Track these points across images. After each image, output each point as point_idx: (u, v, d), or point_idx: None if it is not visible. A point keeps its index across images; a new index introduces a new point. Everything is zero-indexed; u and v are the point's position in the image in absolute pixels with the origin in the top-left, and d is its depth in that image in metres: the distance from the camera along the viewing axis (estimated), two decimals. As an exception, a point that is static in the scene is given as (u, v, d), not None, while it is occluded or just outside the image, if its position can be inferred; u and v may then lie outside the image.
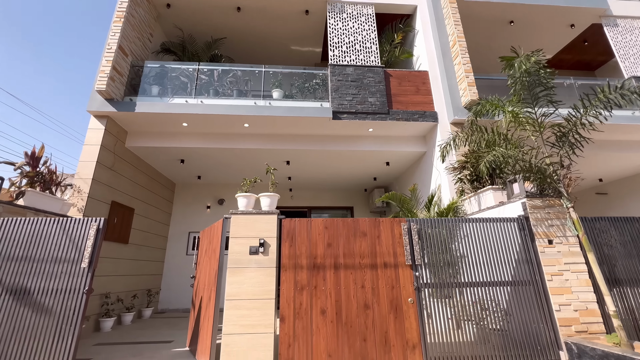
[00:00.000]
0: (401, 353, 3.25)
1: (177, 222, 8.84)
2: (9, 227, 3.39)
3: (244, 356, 3.12)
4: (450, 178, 5.79)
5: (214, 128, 6.47)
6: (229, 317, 3.22)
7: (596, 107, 3.51)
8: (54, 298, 3.21)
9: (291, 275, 3.45)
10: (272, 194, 3.77)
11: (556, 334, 3.43)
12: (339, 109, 6.21)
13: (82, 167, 5.47)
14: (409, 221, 3.72)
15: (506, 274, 3.68)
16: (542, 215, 3.82)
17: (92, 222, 3.48)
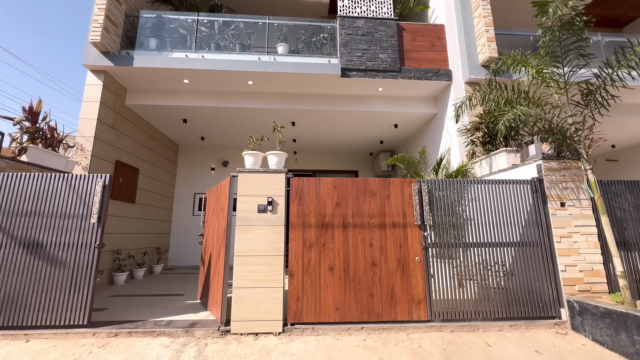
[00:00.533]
0: (406, 308, 3.35)
1: (182, 184, 8.86)
2: (16, 182, 3.36)
3: (255, 308, 3.22)
4: (462, 140, 5.61)
5: (216, 86, 6.18)
6: (238, 272, 3.29)
7: (630, 60, 3.24)
8: (67, 252, 3.26)
9: (300, 233, 3.46)
10: (280, 152, 3.66)
11: (559, 293, 3.50)
12: (348, 65, 5.86)
13: (83, 124, 5.33)
14: (419, 182, 3.64)
15: (514, 235, 3.67)
16: (556, 177, 3.71)
17: (98, 179, 3.43)
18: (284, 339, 3.12)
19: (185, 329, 3.19)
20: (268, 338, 3.13)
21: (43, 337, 3.05)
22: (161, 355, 2.81)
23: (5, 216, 3.27)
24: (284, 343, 3.04)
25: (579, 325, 3.26)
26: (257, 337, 3.14)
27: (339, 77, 5.83)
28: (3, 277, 3.14)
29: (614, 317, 2.88)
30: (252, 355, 2.83)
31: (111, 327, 3.20)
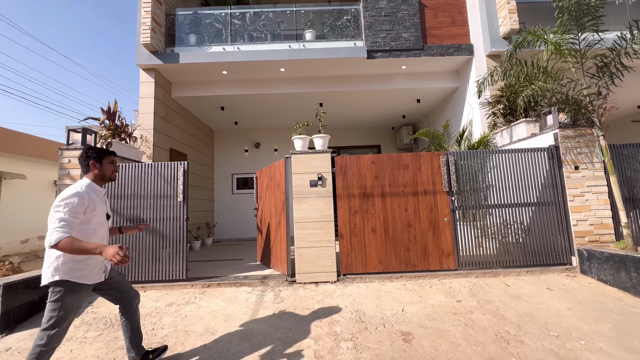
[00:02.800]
0: (437, 259, 4.05)
1: (220, 165, 9.71)
2: (119, 171, 4.19)
3: (313, 263, 4.02)
4: (484, 112, 5.99)
5: (251, 74, 6.74)
6: (298, 235, 4.05)
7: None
8: (163, 224, 4.12)
9: (345, 202, 4.15)
10: (324, 134, 4.28)
11: (571, 244, 4.07)
12: (373, 47, 6.24)
13: (142, 118, 6.10)
14: (446, 154, 4.20)
15: (531, 196, 4.20)
16: (572, 144, 4.16)
17: (179, 165, 4.21)
18: (339, 285, 3.92)
19: (260, 280, 4.05)
20: (326, 285, 3.94)
21: (155, 289, 3.99)
22: (249, 297, 3.68)
23: (115, 198, 4.13)
24: (340, 288, 3.84)
25: (587, 269, 3.86)
26: (317, 285, 3.96)
27: (365, 60, 6.23)
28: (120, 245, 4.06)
29: (616, 259, 3.46)
30: (318, 296, 3.64)
31: (203, 281, 4.10)
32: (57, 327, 1.97)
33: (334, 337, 2.79)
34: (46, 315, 1.97)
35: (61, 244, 1.83)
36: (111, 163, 2.29)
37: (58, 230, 1.85)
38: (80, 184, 2.13)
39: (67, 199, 1.96)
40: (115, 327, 3.09)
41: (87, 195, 2.06)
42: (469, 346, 2.57)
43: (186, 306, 3.51)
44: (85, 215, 2.03)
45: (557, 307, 3.16)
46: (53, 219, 1.90)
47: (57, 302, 1.97)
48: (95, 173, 2.22)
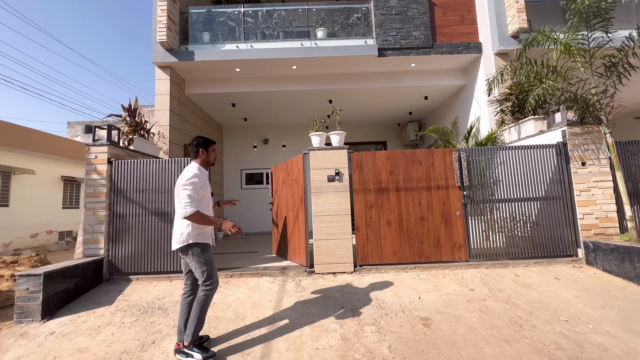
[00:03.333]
0: (450, 251, 4.24)
1: (229, 161, 9.88)
2: (141, 167, 4.36)
3: (331, 254, 4.20)
4: (491, 110, 6.15)
5: (263, 72, 6.88)
6: (317, 228, 4.24)
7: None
8: (187, 217, 4.29)
9: (362, 196, 4.33)
10: (341, 132, 4.44)
11: (577, 237, 4.26)
12: (384, 45, 6.37)
13: (159, 115, 6.25)
14: (459, 150, 4.36)
15: (539, 191, 4.37)
16: (579, 141, 4.32)
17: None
18: (356, 275, 4.12)
19: (280, 271, 4.24)
20: (344, 275, 4.14)
21: (181, 279, 4.17)
22: (271, 287, 3.87)
23: (140, 193, 4.30)
24: (357, 278, 4.03)
25: (592, 260, 4.05)
26: (335, 275, 4.15)
27: (375, 57, 6.37)
28: (145, 237, 4.24)
29: (621, 250, 3.64)
30: (337, 285, 3.83)
31: (225, 271, 4.28)
32: (212, 276, 2.51)
33: (358, 321, 2.98)
34: (198, 271, 2.47)
35: (192, 216, 2.31)
36: (214, 151, 2.72)
37: (188, 204, 2.32)
38: (193, 167, 2.55)
39: (190, 179, 2.40)
40: (149, 314, 3.28)
41: (201, 176, 2.50)
42: (485, 330, 2.77)
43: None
44: (202, 191, 2.48)
45: (566, 295, 3.35)
46: (183, 195, 2.35)
47: (201, 259, 2.47)
48: (202, 158, 2.65)
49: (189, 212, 2.31)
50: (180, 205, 2.35)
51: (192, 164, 2.61)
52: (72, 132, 15.32)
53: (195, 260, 2.47)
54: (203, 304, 2.47)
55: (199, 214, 2.35)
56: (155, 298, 3.64)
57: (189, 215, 2.32)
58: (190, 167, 2.56)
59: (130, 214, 4.29)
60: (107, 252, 4.21)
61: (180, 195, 2.38)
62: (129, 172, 4.34)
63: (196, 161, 2.64)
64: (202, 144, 2.65)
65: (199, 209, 2.38)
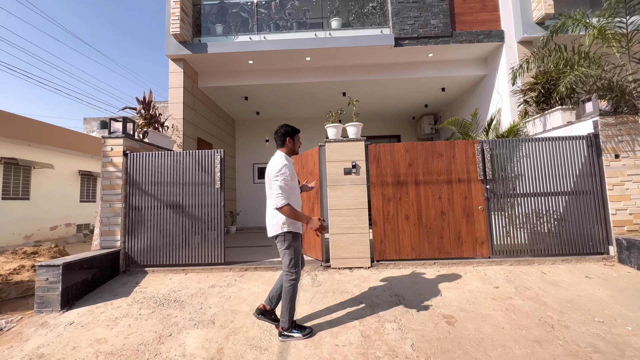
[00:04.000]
0: (471, 247, 4.08)
1: (241, 155, 9.86)
2: (157, 160, 4.34)
3: (348, 249, 4.10)
4: (514, 101, 5.88)
5: (277, 64, 6.77)
6: (333, 222, 4.14)
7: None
8: (201, 210, 4.27)
9: (379, 190, 4.19)
10: (357, 123, 4.30)
11: (608, 233, 4.02)
12: (401, 34, 6.16)
13: (172, 108, 6.24)
14: (481, 142, 4.17)
15: (566, 185, 4.14)
16: (612, 132, 4.06)
17: (216, 153, 4.32)
18: (374, 271, 4.01)
19: (295, 265, 4.16)
20: (360, 271, 4.03)
21: (196, 271, 4.16)
22: (286, 281, 3.80)
23: (155, 185, 4.29)
24: (375, 273, 3.92)
25: (625, 259, 3.82)
26: (351, 270, 4.05)
27: (392, 47, 6.17)
28: (160, 230, 4.24)
29: (659, 248, 3.41)
30: (354, 281, 3.74)
31: (240, 265, 4.24)
32: (298, 265, 2.59)
33: (377, 318, 2.88)
34: (286, 259, 2.56)
35: (283, 209, 2.37)
36: (298, 139, 2.76)
37: (280, 196, 2.37)
38: (281, 156, 2.57)
39: (280, 170, 2.44)
40: (165, 306, 3.26)
41: (290, 166, 2.54)
42: (514, 329, 2.62)
43: (228, 288, 3.66)
44: (292, 182, 2.52)
45: (598, 294, 3.16)
46: (275, 186, 2.40)
47: (290, 248, 2.55)
48: (288, 147, 2.68)
49: (280, 204, 2.36)
50: (272, 197, 2.41)
51: (279, 154, 2.63)
52: (88, 128, 15.64)
53: (285, 247, 2.55)
54: (291, 294, 2.56)
55: (289, 207, 2.39)
56: (171, 290, 3.62)
57: (279, 207, 2.37)
58: (278, 157, 2.58)
59: (145, 207, 4.29)
60: (123, 244, 4.22)
61: (272, 186, 2.43)
62: (144, 164, 4.33)
63: (282, 150, 2.67)
64: (289, 132, 2.68)
65: (289, 201, 2.43)
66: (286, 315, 2.57)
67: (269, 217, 2.61)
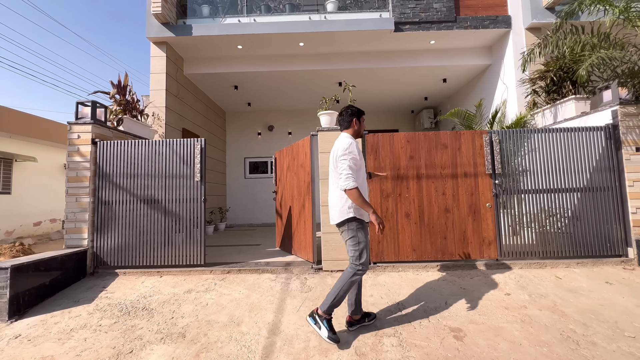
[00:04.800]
0: (477, 248, 3.70)
1: (232, 149, 9.39)
2: (130, 149, 3.88)
3: (341, 250, 3.70)
4: (521, 91, 5.50)
5: (268, 49, 6.31)
6: (325, 219, 3.72)
7: None
8: (180, 206, 3.83)
9: (377, 184, 3.79)
10: (354, 110, 3.88)
11: (627, 233, 3.67)
12: (401, 18, 5.73)
13: (154, 95, 5.76)
14: (490, 133, 3.78)
15: (582, 181, 3.77)
16: (634, 122, 3.69)
17: (196, 142, 3.88)
18: (370, 274, 3.61)
19: (284, 267, 3.76)
20: (355, 274, 3.63)
21: (172, 274, 3.73)
22: (273, 285, 3.39)
23: (127, 178, 3.84)
24: (372, 277, 3.53)
25: (647, 262, 3.46)
26: (345, 273, 3.65)
27: (392, 32, 5.74)
28: (133, 227, 3.80)
29: (688, 251, 3.05)
30: (348, 285, 3.34)
31: (222, 266, 3.83)
32: (364, 255, 2.32)
33: (375, 331, 2.48)
34: (350, 250, 2.34)
35: (352, 191, 2.20)
36: (364, 122, 2.57)
37: (350, 176, 2.21)
38: (346, 137, 2.41)
39: (348, 148, 2.28)
40: (131, 315, 2.84)
41: (356, 145, 2.37)
42: (533, 346, 2.24)
43: (206, 293, 3.24)
44: (359, 161, 2.34)
45: (624, 303, 2.79)
46: (343, 166, 2.25)
47: (355, 237, 2.32)
48: (354, 129, 2.50)
49: (351, 186, 2.19)
50: (342, 178, 2.23)
51: (344, 135, 2.46)
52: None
53: (351, 236, 2.34)
54: (348, 282, 2.30)
55: (358, 191, 2.21)
56: (141, 296, 3.20)
57: (349, 189, 2.20)
58: (344, 137, 2.42)
59: (117, 201, 3.84)
60: (91, 242, 3.78)
61: (339, 166, 2.27)
62: (116, 154, 3.88)
63: (347, 131, 2.50)
64: (355, 113, 2.51)
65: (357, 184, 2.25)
66: (330, 300, 2.32)
67: (332, 203, 2.42)
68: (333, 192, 2.43)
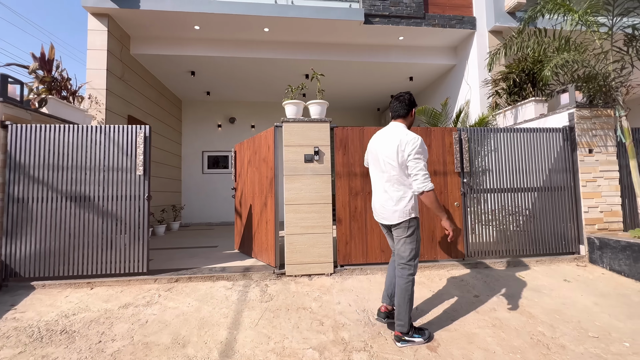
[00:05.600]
0: (445, 248, 3.62)
1: (189, 141, 8.63)
2: (54, 135, 3.21)
3: (306, 252, 3.40)
4: (484, 93, 5.61)
5: (229, 33, 5.77)
6: (289, 219, 3.40)
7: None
8: (118, 204, 3.26)
9: (345, 182, 3.54)
10: (322, 101, 3.59)
11: (580, 232, 3.83)
12: (371, 11, 5.54)
13: (92, 75, 4.97)
14: (459, 130, 3.71)
15: (541, 180, 3.88)
16: (587, 125, 3.85)
17: (139, 130, 3.32)
18: (337, 278, 3.36)
19: (242, 273, 3.37)
20: (321, 278, 3.36)
21: (106, 285, 3.16)
22: (228, 295, 2.99)
23: (53, 170, 3.17)
24: (338, 282, 3.28)
25: (597, 259, 3.63)
26: (310, 278, 3.37)
27: (361, 24, 5.53)
28: (58, 229, 3.15)
29: (635, 248, 3.22)
30: (314, 292, 3.05)
31: (169, 274, 3.33)
32: (417, 256, 2.25)
33: (343, 346, 2.22)
34: (407, 249, 2.20)
35: (430, 194, 2.06)
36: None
37: (428, 178, 2.07)
38: (405, 129, 2.22)
39: (420, 147, 2.09)
40: (44, 341, 2.27)
41: None
42: (506, 354, 2.13)
43: (147, 308, 2.75)
44: None
45: (583, 301, 2.84)
46: (420, 166, 2.07)
47: (413, 235, 2.21)
48: (410, 120, 2.32)
49: (429, 188, 2.06)
50: (418, 179, 2.07)
51: (401, 126, 2.25)
52: None
53: (409, 235, 2.21)
54: (410, 292, 2.20)
55: (434, 194, 2.09)
56: (61, 315, 2.62)
57: (427, 191, 2.06)
58: (403, 129, 2.22)
59: (36, 199, 3.16)
60: (-1, 249, 3.06)
61: (412, 165, 2.09)
62: (35, 141, 3.19)
63: (402, 121, 2.28)
64: (414, 102, 2.31)
65: None
66: (405, 317, 2.19)
67: (391, 202, 2.21)
68: (389, 192, 2.22)
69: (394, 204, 2.20)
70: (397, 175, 2.17)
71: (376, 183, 2.35)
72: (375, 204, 2.38)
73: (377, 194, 2.35)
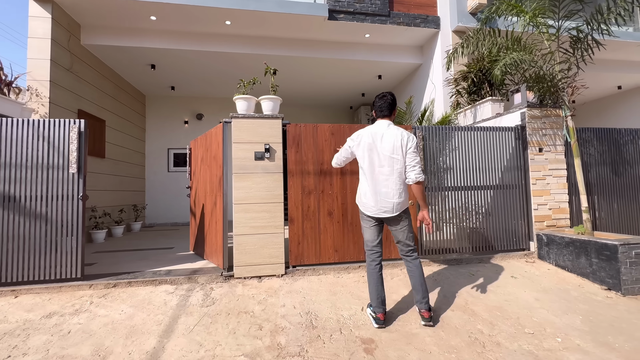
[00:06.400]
0: (400, 247, 3.60)
1: (153, 138, 8.26)
2: (-32, 127, 2.91)
3: (256, 253, 3.28)
4: (447, 91, 5.68)
5: (189, 25, 5.52)
6: (239, 219, 3.26)
7: (619, 7, 3.34)
8: (48, 205, 3.01)
9: (298, 180, 3.45)
10: (275, 97, 3.47)
11: (530, 229, 3.93)
12: (335, 7, 5.46)
13: (33, 65, 4.61)
14: (414, 128, 3.70)
15: (495, 179, 3.95)
16: (538, 125, 3.95)
17: (72, 124, 3.07)
18: (288, 279, 3.26)
19: (188, 276, 3.20)
20: (272, 280, 3.26)
21: (33, 292, 2.91)
22: (168, 300, 2.83)
23: (-35, 167, 2.88)
24: (288, 283, 3.18)
25: (545, 255, 3.73)
26: (260, 280, 3.25)
27: (325, 20, 5.44)
28: (-25, 233, 2.86)
29: (577, 244, 3.32)
30: (260, 295, 2.94)
31: (107, 278, 3.12)
32: None
33: (277, 351, 2.13)
34: (410, 235, 2.46)
35: (422, 185, 2.35)
36: None
37: (422, 170, 2.35)
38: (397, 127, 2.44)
39: (417, 144, 2.45)
40: (-56, 357, 2.04)
41: None
42: (442, 354, 2.11)
43: (74, 317, 2.55)
44: None
45: (525, 298, 2.89)
46: (417, 159, 2.34)
47: (411, 220, 2.49)
48: (393, 118, 2.53)
49: (423, 178, 2.34)
50: (416, 169, 2.31)
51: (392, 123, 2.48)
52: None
53: (409, 223, 2.46)
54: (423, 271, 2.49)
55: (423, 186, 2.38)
56: (-29, 328, 2.37)
57: (421, 182, 2.33)
58: (395, 127, 2.44)
59: (-49, 199, 2.85)
60: None
61: (411, 158, 2.33)
62: (-51, 135, 2.88)
63: (389, 119, 2.49)
64: (395, 101, 2.53)
65: None
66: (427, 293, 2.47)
67: (395, 195, 2.35)
68: (395, 183, 2.35)
69: (397, 196, 2.36)
70: (401, 169, 2.34)
71: (376, 178, 2.39)
72: (372, 198, 2.40)
73: (377, 188, 2.39)
